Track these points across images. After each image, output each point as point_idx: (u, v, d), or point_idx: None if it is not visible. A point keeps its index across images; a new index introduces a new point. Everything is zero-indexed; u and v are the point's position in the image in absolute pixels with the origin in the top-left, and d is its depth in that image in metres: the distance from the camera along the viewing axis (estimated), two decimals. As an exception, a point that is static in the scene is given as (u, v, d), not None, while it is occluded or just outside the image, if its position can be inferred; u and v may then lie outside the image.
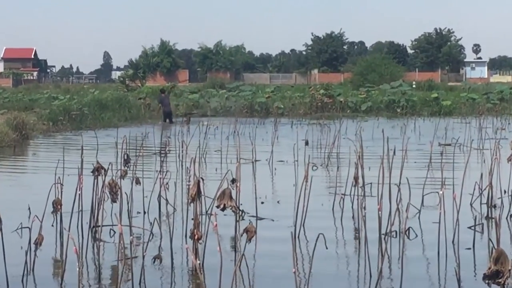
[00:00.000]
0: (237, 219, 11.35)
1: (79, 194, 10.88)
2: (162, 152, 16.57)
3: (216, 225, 7.47)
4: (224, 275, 7.02)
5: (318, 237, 8.49)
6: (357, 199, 12.21)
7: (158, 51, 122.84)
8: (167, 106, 41.86)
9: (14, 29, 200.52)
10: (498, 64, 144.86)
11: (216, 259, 7.26)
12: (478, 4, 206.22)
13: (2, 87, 79.60)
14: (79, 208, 11.01)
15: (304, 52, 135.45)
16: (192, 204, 8.98)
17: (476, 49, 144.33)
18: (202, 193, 8.47)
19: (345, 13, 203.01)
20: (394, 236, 10.69)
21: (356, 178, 12.52)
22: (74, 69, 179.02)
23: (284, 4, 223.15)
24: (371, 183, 13.62)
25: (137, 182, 13.07)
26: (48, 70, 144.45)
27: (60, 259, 10.10)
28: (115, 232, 11.50)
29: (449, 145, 24.72)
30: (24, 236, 10.72)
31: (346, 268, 9.93)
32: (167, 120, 40.72)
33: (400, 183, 11.41)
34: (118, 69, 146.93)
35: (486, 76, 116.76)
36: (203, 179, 8.59)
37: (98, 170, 10.92)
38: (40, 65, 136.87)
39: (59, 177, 11.10)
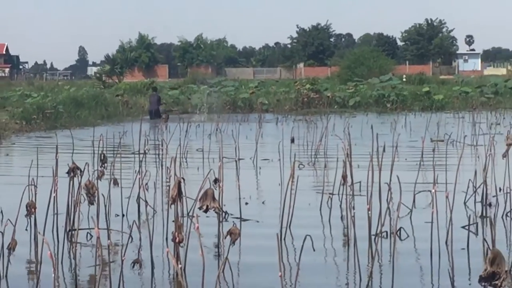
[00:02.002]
0: (220, 220, 11.35)
1: (54, 196, 10.85)
2: (141, 152, 16.52)
3: (198, 227, 7.46)
4: (207, 280, 7.02)
5: (305, 238, 8.49)
6: (346, 199, 12.22)
7: (136, 46, 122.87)
8: (152, 104, 42.70)
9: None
10: (492, 56, 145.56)
11: (199, 264, 7.24)
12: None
13: (-29, 85, 79.48)
14: (54, 211, 10.98)
15: (289, 45, 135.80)
16: (173, 206, 8.96)
17: (469, 40, 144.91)
18: (184, 194, 8.45)
19: (332, 4, 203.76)
20: (385, 236, 10.71)
21: (344, 177, 12.52)
22: (48, 65, 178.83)
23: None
24: (360, 182, 13.65)
25: (115, 183, 13.05)
26: (21, 67, 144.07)
27: (34, 265, 10.06)
28: (92, 236, 11.47)
29: (442, 141, 24.80)
30: (-3, 241, 10.70)
31: (335, 272, 9.93)
32: (155, 117, 41.15)
33: (390, 181, 11.41)
34: (94, 64, 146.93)
35: (479, 69, 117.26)
36: (184, 180, 8.57)
37: (73, 171, 10.89)
38: (12, 61, 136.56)
39: (32, 179, 11.06)
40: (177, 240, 8.15)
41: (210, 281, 7.44)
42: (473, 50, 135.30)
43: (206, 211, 7.65)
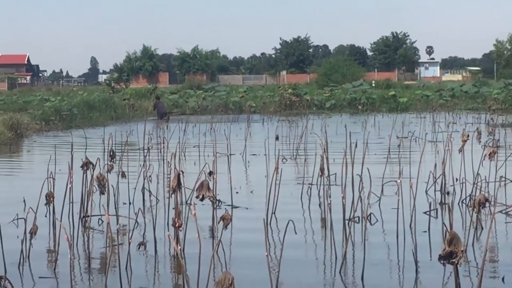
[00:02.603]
0: (214, 207, 11.35)
1: (70, 187, 10.84)
2: (145, 148, 16.52)
3: (195, 213, 7.46)
4: (203, 259, 7.01)
5: (288, 223, 8.50)
6: (323, 188, 12.24)
7: (141, 56, 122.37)
8: (161, 109, 42.97)
9: (8, 37, 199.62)
10: (450, 64, 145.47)
11: (196, 245, 7.24)
12: (431, 9, 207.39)
13: (-2, 91, 79.27)
14: (70, 200, 10.97)
15: (273, 55, 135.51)
16: (173, 195, 8.96)
17: (429, 50, 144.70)
18: (182, 185, 8.45)
19: (310, 19, 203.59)
20: (357, 221, 10.72)
21: (321, 169, 12.55)
22: (64, 73, 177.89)
23: (255, 11, 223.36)
24: (335, 174, 13.65)
25: (123, 175, 13.05)
26: (40, 75, 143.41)
27: (53, 247, 10.06)
28: (103, 221, 11.47)
29: (406, 138, 24.80)
30: (20, 227, 10.67)
31: (313, 251, 9.94)
32: (163, 118, 41.41)
33: (361, 173, 11.44)
34: (104, 72, 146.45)
35: (438, 75, 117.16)
36: (183, 172, 8.58)
37: (87, 165, 10.88)
38: (33, 70, 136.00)
39: (51, 172, 11.05)
40: (176, 225, 8.16)
41: (206, 259, 7.43)
42: (432, 59, 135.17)
43: (202, 199, 7.65)
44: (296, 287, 7.88)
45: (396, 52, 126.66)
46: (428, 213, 11.65)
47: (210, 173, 11.97)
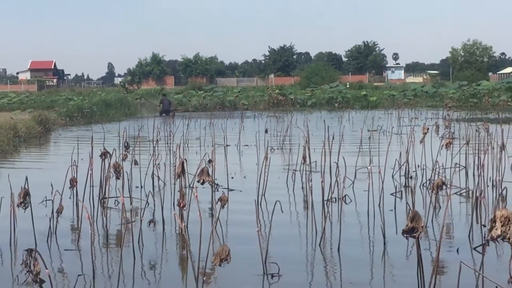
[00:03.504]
0: (213, 191, 11.36)
1: (90, 174, 10.83)
2: (154, 140, 16.49)
3: (197, 196, 7.47)
4: (204, 235, 7.02)
5: (275, 204, 8.52)
6: (305, 174, 12.24)
7: (150, 62, 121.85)
8: (166, 105, 42.77)
9: (37, 45, 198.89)
10: (412, 68, 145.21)
11: (197, 222, 7.25)
12: (397, 21, 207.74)
13: (29, 92, 79.07)
14: (90, 184, 10.96)
15: (263, 61, 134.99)
16: (178, 180, 8.95)
17: (395, 56, 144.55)
18: (186, 171, 8.45)
19: (294, 30, 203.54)
20: (334, 202, 10.74)
21: (304, 158, 12.55)
22: (85, 77, 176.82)
23: (247, 24, 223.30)
24: (315, 161, 13.66)
25: (135, 163, 13.02)
26: (65, 78, 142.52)
27: (76, 224, 10.05)
28: (118, 202, 11.45)
29: (375, 131, 24.85)
30: (48, 207, 10.65)
31: (297, 227, 9.96)
32: (163, 115, 41.49)
33: (338, 161, 11.45)
34: (119, 76, 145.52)
35: (403, 78, 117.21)
36: (186, 160, 8.57)
37: (104, 154, 10.87)
38: (58, 73, 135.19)
39: (74, 160, 11.02)
40: (181, 205, 8.16)
41: (206, 234, 7.44)
42: (398, 64, 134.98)
43: (202, 183, 7.64)
44: (282, 258, 7.89)
45: (367, 58, 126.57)
46: (394, 194, 11.69)
47: (210, 161, 11.96)
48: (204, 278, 6.87)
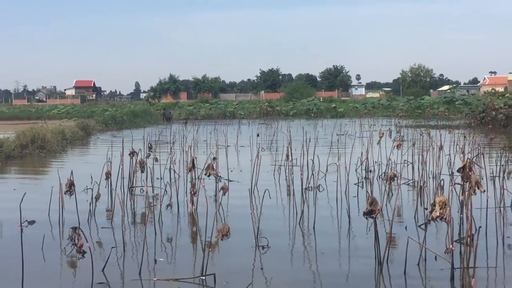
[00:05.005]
0: (217, 181, 11.35)
1: (121, 168, 10.80)
2: (171, 142, 16.48)
3: (204, 185, 7.46)
4: (209, 216, 7.02)
5: (265, 191, 8.52)
6: (288, 168, 12.24)
7: (168, 81, 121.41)
8: (166, 115, 44.89)
9: (80, 67, 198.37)
10: (371, 86, 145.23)
11: (204, 206, 7.23)
12: (359, 49, 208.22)
13: (74, 104, 79.07)
14: (121, 176, 10.94)
15: (255, 80, 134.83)
16: (189, 173, 8.93)
17: (358, 77, 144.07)
18: (196, 166, 8.44)
19: (280, 56, 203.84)
20: (310, 190, 10.75)
21: (287, 156, 12.55)
22: (118, 92, 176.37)
23: (243, 52, 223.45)
24: (296, 159, 13.67)
25: (156, 160, 13.00)
26: (102, 93, 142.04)
27: (110, 207, 10.03)
28: (143, 190, 11.43)
29: (343, 135, 24.86)
30: (89, 194, 10.64)
31: (282, 210, 9.95)
32: (165, 121, 43.05)
33: (313, 158, 11.46)
34: (144, 92, 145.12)
35: (364, 93, 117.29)
36: (196, 158, 8.56)
37: (132, 153, 10.85)
38: (97, 90, 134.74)
39: (109, 158, 11.01)
40: (192, 192, 8.14)
41: (211, 215, 7.43)
42: (360, 82, 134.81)
43: (208, 176, 7.63)
44: (271, 233, 7.89)
45: (336, 78, 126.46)
46: (357, 184, 11.69)
47: (214, 158, 11.96)
48: (210, 249, 6.87)
